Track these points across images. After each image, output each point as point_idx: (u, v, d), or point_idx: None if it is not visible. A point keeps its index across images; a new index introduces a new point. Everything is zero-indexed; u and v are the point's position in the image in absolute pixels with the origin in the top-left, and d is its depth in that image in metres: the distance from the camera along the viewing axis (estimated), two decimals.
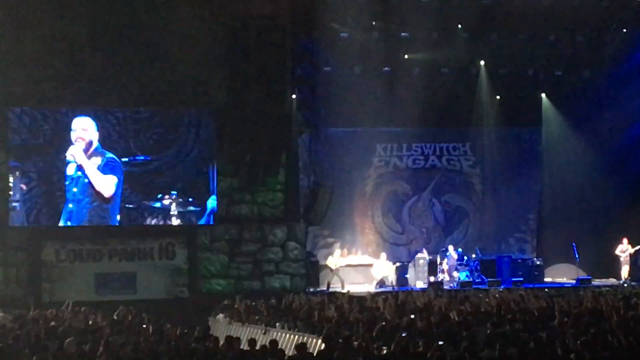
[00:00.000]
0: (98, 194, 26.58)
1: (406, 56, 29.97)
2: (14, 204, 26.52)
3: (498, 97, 31.29)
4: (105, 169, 26.64)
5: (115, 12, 27.00)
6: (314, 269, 29.67)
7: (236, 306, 22.22)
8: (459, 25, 29.57)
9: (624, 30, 30.47)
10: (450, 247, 30.34)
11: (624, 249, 29.90)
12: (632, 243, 29.93)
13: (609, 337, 14.30)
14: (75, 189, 26.47)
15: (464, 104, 31.11)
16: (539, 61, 30.97)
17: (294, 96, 28.59)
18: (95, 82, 26.77)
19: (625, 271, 29.78)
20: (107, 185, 26.57)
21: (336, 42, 29.09)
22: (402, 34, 29.60)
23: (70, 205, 26.48)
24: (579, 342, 13.93)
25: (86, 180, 26.49)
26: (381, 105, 30.45)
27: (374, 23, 29.25)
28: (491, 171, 32.35)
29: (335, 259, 29.63)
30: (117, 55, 26.84)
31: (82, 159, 26.44)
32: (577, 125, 31.37)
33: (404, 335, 14.88)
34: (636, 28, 30.55)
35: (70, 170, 26.43)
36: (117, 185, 26.73)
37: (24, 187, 26.63)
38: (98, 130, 26.74)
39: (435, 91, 30.10)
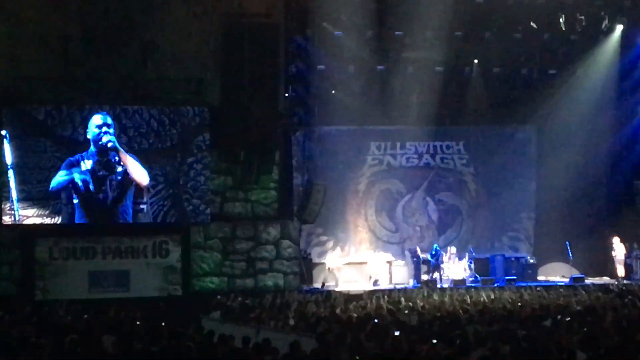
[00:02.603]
0: (136, 183, 26.67)
1: (404, 54, 29.97)
2: (141, 206, 26.83)
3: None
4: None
5: (108, 10, 26.98)
6: (307, 267, 29.70)
7: (229, 304, 22.21)
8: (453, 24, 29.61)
9: (619, 28, 30.49)
10: (417, 248, 30.47)
11: (617, 248, 29.94)
12: (624, 242, 30.02)
13: (602, 336, 14.33)
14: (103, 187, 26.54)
15: (458, 103, 31.15)
16: (533, 60, 31.01)
17: (287, 94, 28.60)
18: (90, 79, 26.73)
19: (620, 270, 29.80)
20: (143, 173, 26.69)
21: (330, 40, 29.09)
22: (396, 32, 29.60)
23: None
24: (572, 340, 13.97)
25: (126, 176, 26.56)
26: (375, 103, 30.48)
27: (367, 22, 29.26)
28: (485, 170, 32.39)
29: (335, 258, 29.69)
30: (111, 53, 26.81)
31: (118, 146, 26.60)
32: (572, 124, 31.40)
33: (396, 333, 14.89)
34: (630, 26, 30.57)
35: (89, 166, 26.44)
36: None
37: (151, 189, 26.93)
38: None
39: (429, 90, 30.14)
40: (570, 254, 30.18)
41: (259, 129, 27.29)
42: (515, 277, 29.37)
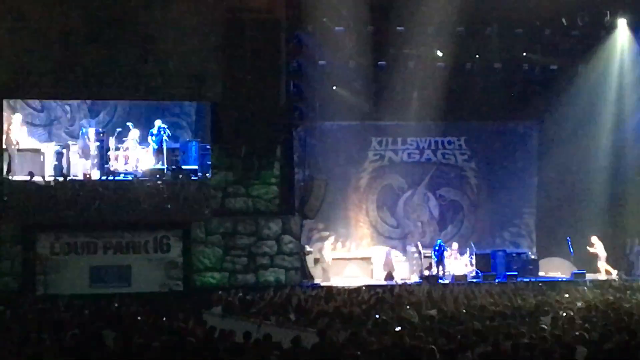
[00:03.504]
0: None
1: (405, 50, 29.96)
2: None
3: None
4: None
5: (110, 4, 26.97)
6: (309, 263, 29.69)
7: (231, 300, 22.22)
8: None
9: (621, 23, 30.44)
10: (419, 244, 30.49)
11: (597, 247, 29.97)
12: (603, 240, 30.05)
13: (603, 331, 14.34)
14: None
15: (459, 98, 31.09)
16: (534, 56, 30.97)
17: (288, 90, 28.57)
18: (91, 74, 26.73)
19: (603, 267, 29.78)
20: None
21: (331, 36, 29.06)
22: (397, 28, 29.58)
23: None
24: (573, 336, 13.97)
25: None
26: (376, 99, 30.46)
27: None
28: (486, 165, 32.40)
29: (327, 252, 29.72)
30: (112, 47, 26.79)
31: None
32: (573, 119, 31.37)
33: (398, 329, 14.90)
34: (632, 21, 30.53)
35: None
36: None
37: None
38: None
39: (430, 85, 30.12)
40: (572, 250, 30.18)
41: (260, 124, 27.30)
42: (516, 273, 29.38)
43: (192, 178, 27.50)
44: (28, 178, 26.31)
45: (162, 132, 27.53)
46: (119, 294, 23.83)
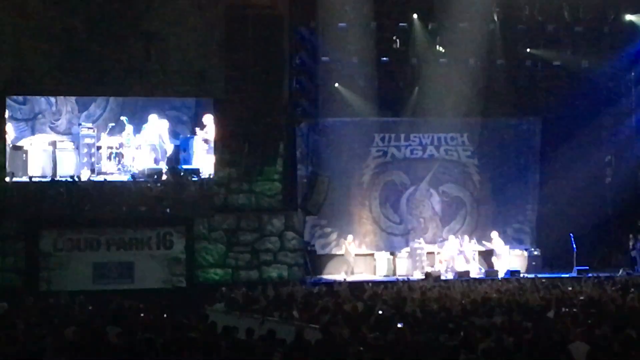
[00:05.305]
0: None
1: (408, 47, 29.95)
2: None
3: None
4: None
5: (112, 1, 26.98)
6: (311, 259, 29.71)
7: (234, 296, 22.23)
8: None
9: (625, 19, 30.43)
10: (451, 237, 30.47)
11: (495, 242, 30.05)
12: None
13: (605, 327, 14.34)
14: None
15: (462, 94, 31.05)
16: (537, 52, 30.95)
17: (291, 86, 28.57)
18: (94, 70, 26.74)
19: (497, 263, 29.84)
20: None
21: (334, 32, 29.06)
22: (400, 24, 29.57)
23: None
24: (576, 332, 13.96)
25: None
26: (379, 95, 30.44)
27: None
28: (489, 161, 32.32)
29: (351, 246, 29.77)
30: (115, 44, 26.82)
31: None
32: (576, 115, 31.35)
33: (400, 325, 14.90)
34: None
35: None
36: None
37: None
38: None
39: (433, 81, 30.11)
40: (574, 246, 30.15)
41: (263, 120, 27.32)
42: (519, 269, 29.37)
43: (193, 179, 27.37)
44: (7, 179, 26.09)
45: (158, 131, 27.49)
46: (122, 290, 23.89)
